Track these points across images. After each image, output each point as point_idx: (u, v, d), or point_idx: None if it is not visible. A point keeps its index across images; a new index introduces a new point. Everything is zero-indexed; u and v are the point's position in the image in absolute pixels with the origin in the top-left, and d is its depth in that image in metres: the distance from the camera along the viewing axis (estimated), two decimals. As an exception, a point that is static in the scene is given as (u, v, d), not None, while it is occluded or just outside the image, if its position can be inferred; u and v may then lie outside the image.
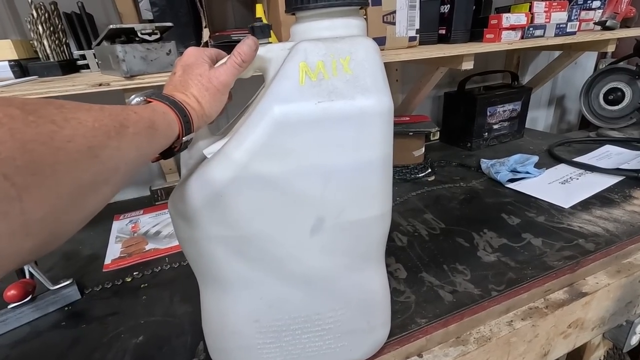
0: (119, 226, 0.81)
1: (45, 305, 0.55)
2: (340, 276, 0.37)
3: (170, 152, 0.31)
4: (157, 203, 0.91)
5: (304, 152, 0.31)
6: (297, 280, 0.36)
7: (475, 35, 0.90)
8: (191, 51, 0.35)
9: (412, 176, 0.95)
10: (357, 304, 0.39)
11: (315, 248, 0.35)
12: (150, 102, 0.30)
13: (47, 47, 0.65)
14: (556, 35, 0.94)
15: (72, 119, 0.20)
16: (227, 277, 0.36)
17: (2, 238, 0.16)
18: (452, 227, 0.72)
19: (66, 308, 0.57)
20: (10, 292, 0.51)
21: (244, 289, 0.36)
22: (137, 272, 0.64)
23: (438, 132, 1.24)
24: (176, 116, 0.29)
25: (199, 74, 0.33)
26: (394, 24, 0.76)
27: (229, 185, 0.32)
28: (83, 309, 0.57)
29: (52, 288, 0.56)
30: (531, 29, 0.89)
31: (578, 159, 0.97)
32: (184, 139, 0.31)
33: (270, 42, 0.36)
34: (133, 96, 0.30)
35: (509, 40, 0.86)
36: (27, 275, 0.55)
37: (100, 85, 0.53)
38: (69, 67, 0.67)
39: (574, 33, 0.97)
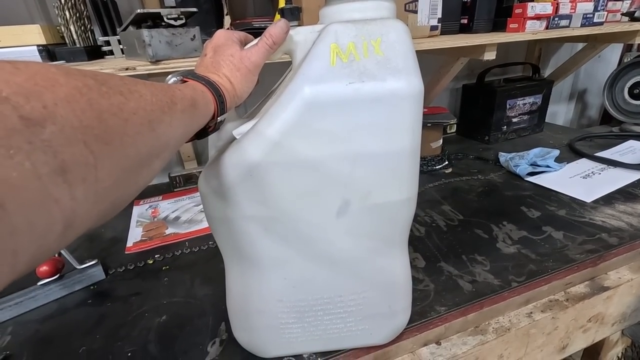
0: (139, 211, 0.83)
1: (72, 284, 0.57)
2: (364, 259, 0.37)
3: (204, 132, 0.31)
4: (175, 189, 0.93)
5: (333, 133, 0.31)
6: (322, 261, 0.37)
7: (498, 25, 0.88)
8: (221, 33, 0.35)
9: (429, 168, 0.94)
10: (380, 288, 0.39)
11: (340, 230, 0.35)
12: (186, 81, 0.30)
13: (73, 32, 0.66)
14: (582, 25, 0.91)
15: (134, 92, 0.20)
16: (254, 256, 0.36)
17: (80, 202, 0.16)
18: (470, 218, 0.71)
19: (91, 287, 0.59)
20: (43, 268, 0.53)
21: (270, 268, 0.37)
22: (158, 255, 0.65)
23: (455, 125, 1.22)
24: (212, 96, 0.30)
25: (230, 54, 0.33)
26: (415, 12, 0.75)
27: (261, 162, 0.32)
28: (107, 288, 0.58)
29: (78, 267, 0.58)
30: (556, 18, 0.86)
31: (600, 154, 0.95)
32: (219, 118, 0.31)
33: (299, 25, 0.36)
34: (170, 76, 0.30)
35: (534, 30, 0.84)
36: (56, 254, 0.57)
37: (127, 69, 0.53)
38: (94, 52, 0.69)
39: (601, 24, 0.94)
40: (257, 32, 0.37)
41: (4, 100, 0.13)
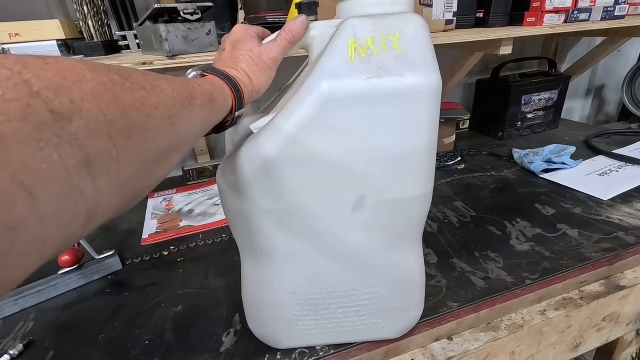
0: (154, 204, 0.84)
1: (91, 274, 0.59)
2: (379, 254, 0.37)
3: (222, 126, 0.32)
4: (189, 183, 0.94)
5: (350, 129, 0.31)
6: (337, 255, 0.37)
7: (515, 18, 0.86)
8: (240, 28, 0.36)
9: (442, 164, 0.93)
10: (393, 283, 0.39)
11: (355, 225, 0.36)
12: (205, 76, 0.30)
13: (91, 27, 0.67)
14: (602, 19, 0.89)
15: (156, 87, 0.21)
16: (269, 249, 0.37)
17: (103, 194, 0.17)
18: (483, 215, 0.71)
19: (109, 277, 0.60)
20: (65, 258, 0.54)
21: (284, 262, 0.37)
22: (173, 247, 0.67)
23: (468, 121, 1.21)
24: (230, 91, 0.30)
25: (249, 49, 0.33)
26: (430, 6, 0.74)
27: (278, 157, 0.32)
28: (124, 278, 0.60)
29: (97, 257, 0.59)
30: (576, 12, 0.84)
31: (618, 151, 0.92)
32: (236, 113, 0.31)
33: (317, 20, 0.36)
34: (190, 70, 0.31)
35: (552, 24, 0.82)
36: (76, 244, 0.58)
37: (144, 64, 0.54)
38: (111, 47, 0.70)
39: (622, 17, 0.92)
40: (270, 27, 0.37)
41: (36, 94, 0.14)
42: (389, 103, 0.31)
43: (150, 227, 0.75)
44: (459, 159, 0.95)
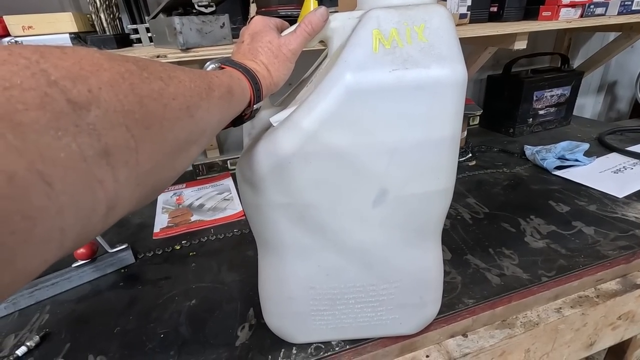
0: (165, 198, 0.84)
1: (104, 267, 0.59)
2: (399, 250, 0.37)
3: (240, 119, 0.32)
4: (198, 178, 0.94)
5: (374, 123, 0.31)
6: (355, 251, 0.37)
7: (530, 12, 0.85)
8: (258, 19, 0.35)
9: (453, 160, 0.93)
10: (412, 279, 0.39)
11: (375, 220, 0.35)
12: (223, 68, 0.30)
13: (103, 20, 0.67)
14: (619, 13, 0.87)
15: (174, 77, 0.20)
16: (287, 244, 0.36)
17: (123, 185, 0.17)
18: (496, 212, 0.70)
19: (122, 270, 0.60)
20: (80, 250, 0.55)
21: (303, 257, 0.37)
22: (185, 241, 0.67)
23: (478, 117, 1.20)
24: (249, 83, 0.30)
25: (268, 41, 0.33)
26: (444, -1, 0.73)
27: (296, 154, 0.32)
28: (137, 272, 0.60)
29: (110, 251, 0.59)
30: (592, 6, 0.83)
31: (632, 148, 0.91)
32: (255, 106, 0.31)
33: (337, 11, 0.36)
34: (208, 62, 0.30)
35: (568, 19, 0.80)
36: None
37: (158, 57, 0.54)
38: (123, 40, 0.70)
39: (639, 12, 0.90)
40: (283, 20, 0.36)
41: (53, 83, 0.13)
42: (414, 95, 0.30)
43: (161, 221, 0.75)
44: (470, 155, 0.94)
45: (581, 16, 0.83)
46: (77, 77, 0.15)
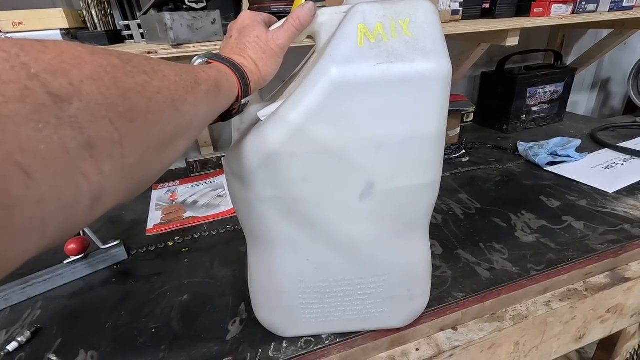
0: (158, 195, 0.84)
1: (96, 263, 0.59)
2: (386, 243, 0.37)
3: (228, 114, 0.32)
4: (192, 175, 0.94)
5: (359, 116, 0.31)
6: (343, 244, 0.37)
7: (522, 9, 0.85)
8: (246, 14, 0.35)
9: (446, 156, 0.93)
10: (400, 271, 0.39)
11: (363, 213, 0.35)
12: (211, 63, 0.30)
13: (94, 16, 0.66)
14: (610, 10, 0.88)
15: (158, 71, 0.20)
16: (276, 238, 0.37)
17: (108, 178, 0.17)
18: (488, 207, 0.70)
19: (114, 267, 0.61)
20: (71, 246, 0.55)
21: (291, 250, 0.37)
22: (178, 237, 0.67)
23: (472, 114, 1.20)
24: (236, 78, 0.30)
25: (256, 36, 0.33)
26: (437, -4, 0.73)
27: (283, 148, 0.32)
28: (130, 268, 0.60)
29: (102, 247, 0.59)
30: (583, 3, 0.83)
31: (624, 144, 0.92)
32: (242, 101, 0.31)
33: (324, 6, 0.36)
34: (196, 57, 0.30)
35: (559, 15, 0.81)
36: (81, 233, 0.58)
37: (148, 53, 0.54)
38: (115, 37, 0.69)
39: (630, 8, 0.90)
40: (275, 16, 0.36)
41: (33, 76, 0.14)
42: (399, 89, 0.30)
43: (154, 217, 0.75)
44: (463, 151, 0.95)
45: (573, 13, 0.83)
46: (58, 70, 0.15)
